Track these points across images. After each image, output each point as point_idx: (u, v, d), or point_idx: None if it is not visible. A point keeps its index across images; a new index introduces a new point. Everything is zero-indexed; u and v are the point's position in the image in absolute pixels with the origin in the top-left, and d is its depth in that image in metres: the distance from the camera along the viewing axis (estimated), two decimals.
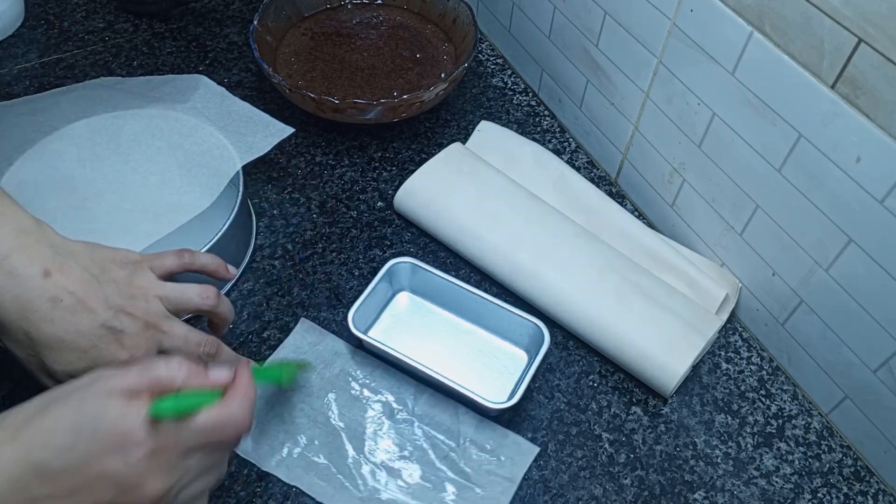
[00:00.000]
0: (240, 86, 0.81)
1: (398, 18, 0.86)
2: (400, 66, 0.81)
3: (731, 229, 0.61)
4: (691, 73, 0.59)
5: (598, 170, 0.76)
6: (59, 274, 0.42)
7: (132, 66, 0.82)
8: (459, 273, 0.66)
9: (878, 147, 0.46)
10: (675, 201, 0.67)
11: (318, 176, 0.73)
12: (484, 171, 0.69)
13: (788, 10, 0.48)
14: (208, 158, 0.64)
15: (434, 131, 0.78)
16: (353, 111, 0.72)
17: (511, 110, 0.82)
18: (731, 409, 0.59)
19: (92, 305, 0.42)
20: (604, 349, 0.60)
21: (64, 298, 0.41)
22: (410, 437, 0.54)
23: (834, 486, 0.55)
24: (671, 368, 0.57)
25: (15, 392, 0.56)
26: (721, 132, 0.58)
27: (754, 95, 0.53)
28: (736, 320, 0.64)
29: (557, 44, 0.75)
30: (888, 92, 0.44)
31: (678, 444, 0.56)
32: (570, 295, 0.60)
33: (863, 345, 0.52)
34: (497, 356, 0.59)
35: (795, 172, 0.53)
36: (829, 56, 0.47)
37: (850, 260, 0.51)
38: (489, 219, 0.65)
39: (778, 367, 0.61)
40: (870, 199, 0.47)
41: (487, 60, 0.88)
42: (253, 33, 0.76)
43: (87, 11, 0.89)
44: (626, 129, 0.70)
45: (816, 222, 0.52)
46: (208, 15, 0.90)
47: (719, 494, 0.54)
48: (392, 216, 0.70)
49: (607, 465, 0.55)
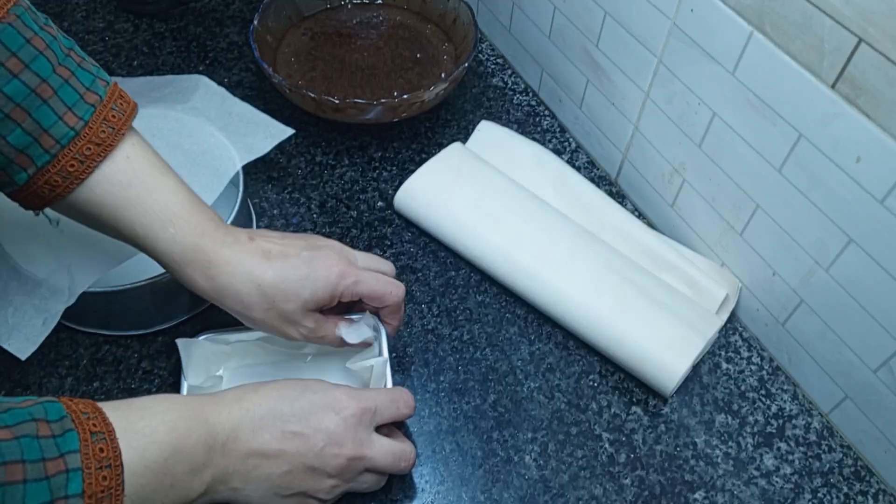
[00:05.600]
0: (240, 86, 0.81)
1: (398, 18, 0.86)
2: (400, 66, 0.81)
3: (731, 229, 0.61)
4: (691, 73, 0.59)
5: (598, 170, 0.76)
6: (259, 238, 0.50)
7: (132, 66, 0.82)
8: (459, 273, 0.66)
9: (878, 147, 0.46)
10: (675, 201, 0.67)
11: (318, 176, 0.73)
12: (484, 171, 0.69)
13: (788, 9, 0.48)
14: (208, 158, 0.64)
15: (434, 131, 0.78)
16: (353, 111, 0.72)
17: (511, 110, 0.82)
18: (732, 409, 0.59)
19: (292, 250, 0.50)
20: (604, 349, 0.60)
21: (272, 250, 0.49)
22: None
23: (834, 486, 0.55)
24: (671, 368, 0.57)
25: (15, 392, 0.56)
26: (721, 132, 0.58)
27: (754, 95, 0.53)
28: (736, 320, 0.64)
29: (558, 44, 0.75)
30: (888, 92, 0.44)
31: (678, 444, 0.56)
32: (570, 295, 0.60)
33: (863, 345, 0.52)
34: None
35: (795, 172, 0.53)
36: (830, 56, 0.47)
37: (851, 260, 0.51)
38: (489, 219, 0.65)
39: (778, 367, 0.61)
40: (870, 198, 0.47)
41: (487, 60, 0.88)
42: (253, 33, 0.76)
43: (87, 11, 0.89)
44: (627, 129, 0.70)
45: (816, 222, 0.52)
46: (208, 15, 0.90)
47: (719, 494, 0.54)
48: (392, 216, 0.70)
49: (607, 465, 0.55)
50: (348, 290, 0.51)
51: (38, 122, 0.43)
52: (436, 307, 0.64)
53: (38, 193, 0.45)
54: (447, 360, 0.60)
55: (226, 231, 0.49)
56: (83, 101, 0.45)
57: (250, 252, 0.49)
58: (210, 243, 0.48)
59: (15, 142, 0.43)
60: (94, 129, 0.45)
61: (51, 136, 0.44)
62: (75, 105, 0.44)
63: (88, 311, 0.58)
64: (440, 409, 0.57)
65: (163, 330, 0.60)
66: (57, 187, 0.45)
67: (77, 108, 0.45)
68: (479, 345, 0.61)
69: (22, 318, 0.53)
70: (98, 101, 0.46)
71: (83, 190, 0.46)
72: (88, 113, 0.45)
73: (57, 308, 0.53)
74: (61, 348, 0.59)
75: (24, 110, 0.42)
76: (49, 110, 0.43)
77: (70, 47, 0.46)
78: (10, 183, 0.45)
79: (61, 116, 0.44)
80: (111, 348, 0.59)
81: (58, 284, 0.54)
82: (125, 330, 0.60)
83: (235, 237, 0.49)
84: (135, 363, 0.58)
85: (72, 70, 0.45)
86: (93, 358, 0.59)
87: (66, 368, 0.58)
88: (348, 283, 0.51)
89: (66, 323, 0.60)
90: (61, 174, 0.44)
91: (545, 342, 0.62)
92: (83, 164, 0.45)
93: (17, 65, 0.42)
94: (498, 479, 0.54)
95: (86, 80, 0.46)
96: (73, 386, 0.57)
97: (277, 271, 0.49)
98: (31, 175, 0.44)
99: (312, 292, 0.49)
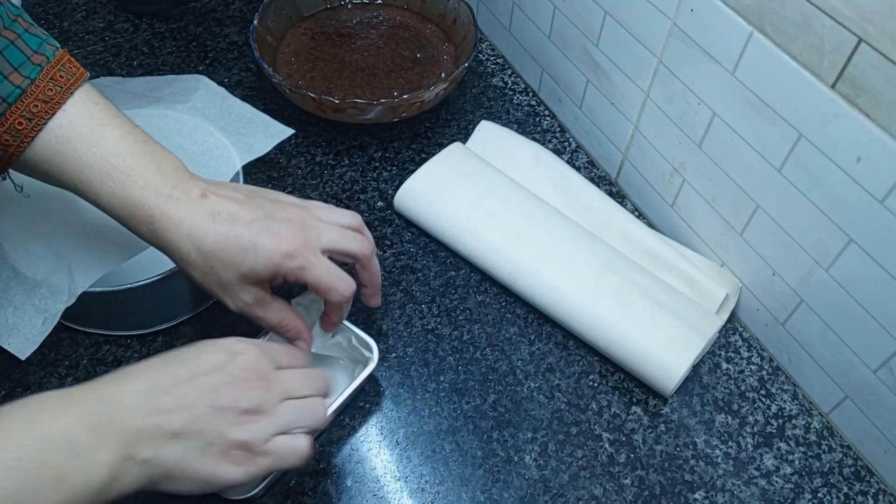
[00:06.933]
0: (240, 86, 0.81)
1: (398, 18, 0.86)
2: (400, 65, 0.81)
3: (731, 229, 0.61)
4: (691, 73, 0.59)
5: (598, 170, 0.76)
6: (213, 196, 0.48)
7: (132, 66, 0.82)
8: (459, 273, 0.66)
9: (878, 147, 0.46)
10: (675, 201, 0.67)
11: (318, 176, 0.73)
12: (484, 171, 0.69)
13: (788, 9, 0.48)
14: (208, 158, 0.64)
15: (434, 131, 0.78)
16: (353, 111, 0.72)
17: (511, 110, 0.82)
18: (732, 409, 0.59)
19: (245, 214, 0.48)
20: (604, 349, 0.60)
21: (221, 211, 0.47)
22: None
23: (834, 486, 0.55)
24: (671, 368, 0.57)
25: (15, 392, 0.56)
26: (721, 132, 0.58)
27: (754, 95, 0.53)
28: (736, 320, 0.64)
29: (558, 44, 0.75)
30: (888, 92, 0.44)
31: (678, 444, 0.56)
32: (570, 295, 0.60)
33: (863, 345, 0.52)
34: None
35: (795, 172, 0.53)
36: (830, 56, 0.47)
37: (850, 260, 0.51)
38: (489, 219, 0.65)
39: (778, 367, 0.61)
40: (870, 198, 0.47)
41: (487, 60, 0.88)
42: (253, 33, 0.76)
43: (87, 11, 0.89)
44: (627, 129, 0.70)
45: (816, 222, 0.52)
46: (208, 15, 0.90)
47: (719, 494, 0.54)
48: (392, 216, 0.70)
49: (607, 465, 0.55)
50: (292, 272, 0.48)
51: None
52: (436, 307, 0.64)
53: None
54: (447, 360, 0.60)
55: (174, 184, 0.47)
56: (30, 62, 0.46)
57: (196, 211, 0.47)
58: (153, 198, 0.46)
59: None
60: (40, 87, 0.46)
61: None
62: (21, 66, 0.45)
63: (88, 311, 0.58)
64: (440, 409, 0.57)
65: (163, 330, 0.60)
66: (9, 147, 0.46)
67: (23, 69, 0.45)
68: (479, 345, 0.61)
69: (22, 318, 0.53)
70: (45, 62, 0.46)
71: (33, 148, 0.46)
72: (35, 72, 0.46)
73: (57, 308, 0.53)
74: (61, 348, 0.59)
75: None
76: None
77: (18, 14, 0.47)
78: None
79: (6, 76, 0.45)
80: (111, 348, 0.59)
81: (58, 284, 0.54)
82: (125, 330, 0.60)
83: (186, 191, 0.47)
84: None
85: (18, 34, 0.46)
86: (93, 358, 0.59)
87: (66, 368, 0.58)
88: (293, 266, 0.48)
89: (66, 323, 0.60)
90: (10, 132, 0.45)
91: (545, 342, 0.62)
92: (31, 122, 0.45)
93: None
94: (498, 479, 0.54)
95: (33, 43, 0.46)
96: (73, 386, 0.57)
97: (219, 237, 0.46)
98: None
99: (252, 266, 0.47)
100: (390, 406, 0.57)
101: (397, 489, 0.53)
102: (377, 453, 0.55)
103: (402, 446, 0.55)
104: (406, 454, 0.55)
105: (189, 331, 0.60)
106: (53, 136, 0.46)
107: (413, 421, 0.57)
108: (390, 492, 0.53)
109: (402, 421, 0.57)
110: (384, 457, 0.55)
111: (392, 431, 0.56)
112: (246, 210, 0.48)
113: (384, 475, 0.54)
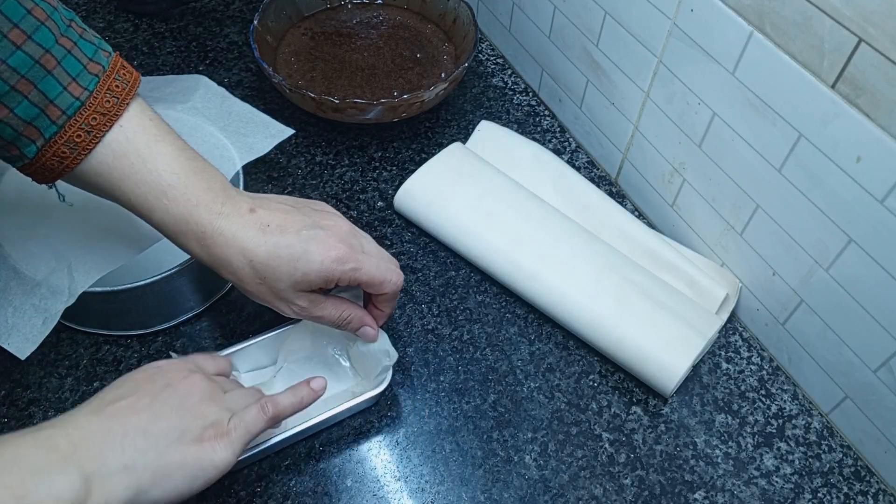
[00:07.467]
0: (240, 86, 0.81)
1: (398, 18, 0.86)
2: (400, 65, 0.81)
3: (731, 229, 0.61)
4: (691, 73, 0.59)
5: (598, 170, 0.76)
6: (261, 210, 0.49)
7: (132, 65, 0.82)
8: (459, 273, 0.66)
9: (878, 147, 0.46)
10: (675, 201, 0.67)
11: (318, 176, 0.73)
12: (484, 171, 0.69)
13: (788, 9, 0.48)
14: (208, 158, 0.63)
15: (434, 131, 0.78)
16: (353, 111, 0.72)
17: (511, 110, 0.82)
18: (732, 409, 0.59)
19: (294, 224, 0.49)
20: (604, 349, 0.60)
21: (270, 223, 0.48)
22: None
23: (834, 486, 0.55)
24: (671, 368, 0.57)
25: (14, 392, 0.56)
26: (721, 132, 0.58)
27: (754, 95, 0.53)
28: (736, 320, 0.64)
29: (558, 44, 0.75)
30: (888, 92, 0.44)
31: (678, 444, 0.56)
32: (570, 295, 0.60)
33: (863, 345, 0.52)
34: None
35: (795, 172, 0.53)
36: (830, 56, 0.47)
37: (850, 260, 0.51)
38: (489, 219, 0.65)
39: (778, 367, 0.61)
40: (870, 198, 0.47)
41: (487, 60, 0.88)
42: (253, 33, 0.76)
43: (87, 11, 0.89)
44: (627, 129, 0.70)
45: (816, 222, 0.52)
46: (208, 15, 0.90)
47: (719, 494, 0.54)
48: (392, 216, 0.70)
49: (607, 465, 0.55)
50: (346, 275, 0.49)
51: (44, 92, 0.43)
52: (436, 307, 0.64)
53: (48, 165, 0.46)
54: (447, 360, 0.60)
55: (224, 200, 0.48)
56: (87, 71, 0.45)
57: (246, 224, 0.48)
58: (205, 214, 0.47)
59: (22, 114, 0.43)
60: (98, 99, 0.45)
61: (57, 106, 0.44)
62: (79, 75, 0.45)
63: (88, 311, 0.58)
64: (440, 409, 0.57)
65: (163, 330, 0.60)
66: (65, 159, 0.45)
67: (81, 79, 0.45)
68: (479, 345, 0.61)
69: (22, 318, 0.53)
70: (101, 72, 0.46)
71: (89, 161, 0.46)
72: (93, 83, 0.45)
73: (57, 308, 0.53)
74: (61, 348, 0.59)
75: (29, 82, 0.43)
76: (54, 81, 0.44)
77: (71, 18, 0.46)
78: (20, 157, 0.45)
79: (66, 87, 0.44)
80: (111, 348, 0.59)
81: (58, 284, 0.54)
82: (125, 330, 0.60)
83: (235, 207, 0.48)
84: (135, 363, 0.58)
85: (74, 41, 0.45)
86: (93, 358, 0.59)
87: (66, 368, 0.58)
88: (346, 269, 0.49)
89: (66, 323, 0.60)
90: (69, 145, 0.45)
91: (545, 342, 0.62)
92: (90, 135, 0.45)
93: (19, 36, 0.42)
94: (498, 479, 0.54)
95: (88, 50, 0.46)
96: (73, 386, 0.57)
97: (270, 248, 0.48)
98: (39, 147, 0.45)
99: (304, 274, 0.48)
100: (390, 406, 0.57)
101: (397, 489, 0.53)
102: (377, 453, 0.55)
103: (402, 446, 0.55)
104: (406, 454, 0.55)
105: (189, 331, 0.60)
106: (111, 150, 0.46)
107: (413, 421, 0.57)
108: (390, 492, 0.53)
109: (402, 421, 0.57)
110: (384, 457, 0.55)
111: (392, 431, 0.56)
112: (293, 220, 0.49)
113: (384, 475, 0.54)
